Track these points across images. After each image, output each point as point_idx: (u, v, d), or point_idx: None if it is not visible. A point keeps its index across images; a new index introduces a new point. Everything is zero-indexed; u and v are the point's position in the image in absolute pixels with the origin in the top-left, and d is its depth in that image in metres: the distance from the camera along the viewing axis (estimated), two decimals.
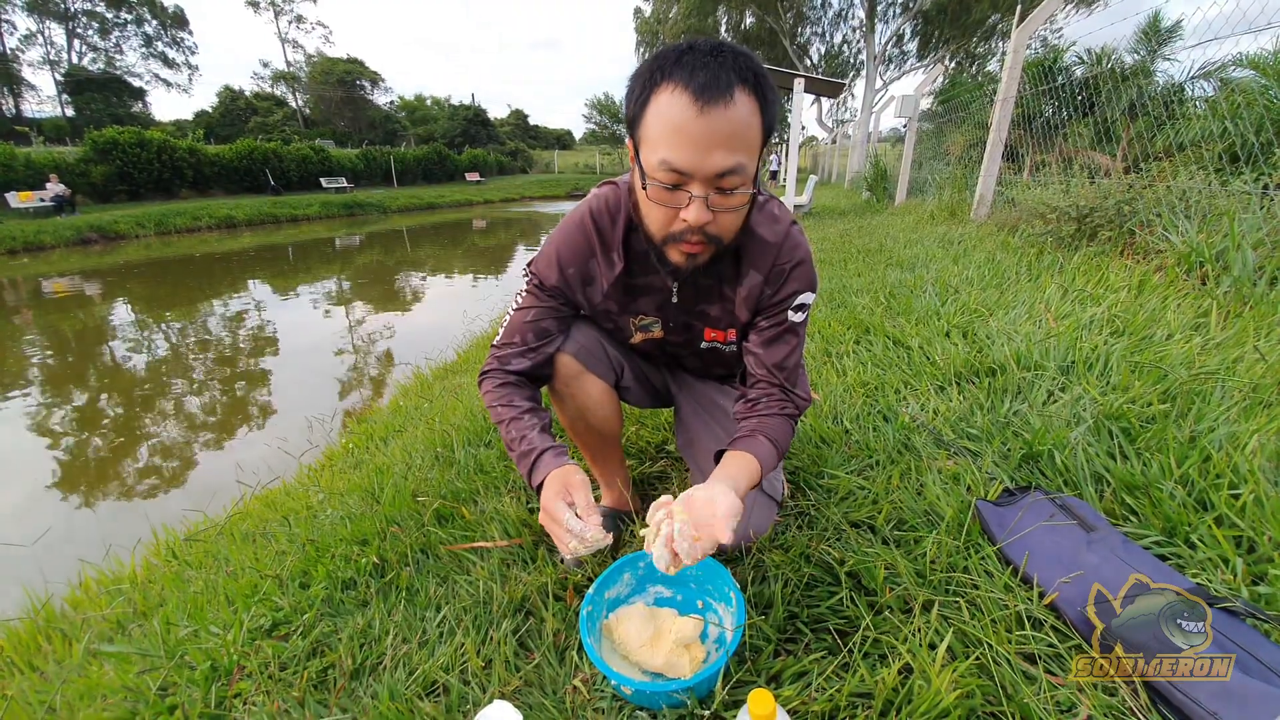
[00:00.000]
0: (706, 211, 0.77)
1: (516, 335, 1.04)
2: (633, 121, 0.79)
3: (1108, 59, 4.54)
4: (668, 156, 0.73)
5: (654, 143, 0.75)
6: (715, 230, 0.81)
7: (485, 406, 1.07)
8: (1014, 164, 5.28)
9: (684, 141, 0.72)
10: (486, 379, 1.05)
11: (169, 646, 1.10)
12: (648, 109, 0.75)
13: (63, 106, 33.65)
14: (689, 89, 0.71)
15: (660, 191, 0.77)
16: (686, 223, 0.78)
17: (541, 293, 1.04)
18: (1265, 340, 1.72)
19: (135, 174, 15.89)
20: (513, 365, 1.04)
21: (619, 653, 0.92)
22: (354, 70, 40.36)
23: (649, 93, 0.75)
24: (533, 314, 1.04)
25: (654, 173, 0.76)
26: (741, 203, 0.81)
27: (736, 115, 0.72)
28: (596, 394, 1.11)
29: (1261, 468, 1.11)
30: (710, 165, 0.73)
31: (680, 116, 0.72)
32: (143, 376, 4.81)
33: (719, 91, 0.70)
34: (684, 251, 0.83)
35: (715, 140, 0.72)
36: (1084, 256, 2.97)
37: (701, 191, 0.75)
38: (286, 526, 1.55)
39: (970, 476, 1.27)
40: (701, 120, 0.71)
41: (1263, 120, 2.87)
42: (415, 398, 2.95)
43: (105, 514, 2.84)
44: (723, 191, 0.77)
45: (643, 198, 0.82)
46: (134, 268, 10.14)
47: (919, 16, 20.72)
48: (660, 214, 0.81)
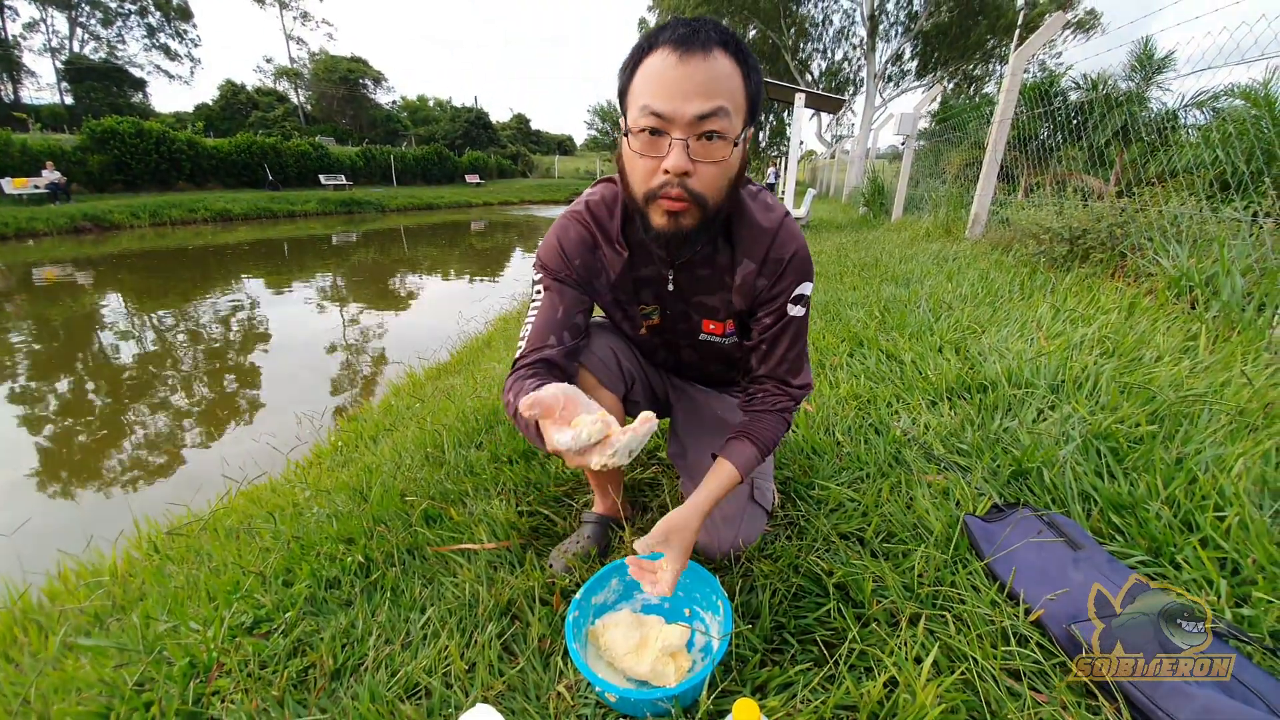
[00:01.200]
0: (686, 159, 0.76)
1: (550, 335, 0.95)
2: (622, 92, 0.81)
3: (1103, 85, 4.62)
4: (648, 101, 0.75)
5: (637, 95, 0.77)
6: (697, 186, 0.79)
7: (510, 418, 0.91)
8: (1009, 184, 5.35)
9: (664, 86, 0.74)
10: (507, 388, 0.92)
11: (147, 641, 1.08)
12: (635, 75, 0.78)
13: (62, 94, 33.42)
14: (671, 43, 0.74)
15: (642, 140, 0.78)
16: (667, 173, 0.77)
17: (560, 285, 0.98)
18: (1252, 365, 1.74)
19: (132, 164, 15.82)
20: (544, 356, 0.94)
21: (604, 659, 0.91)
22: (357, 69, 40.35)
23: (637, 61, 0.78)
24: (562, 310, 0.97)
25: (636, 121, 0.77)
26: (723, 154, 0.78)
27: (716, 66, 0.74)
28: (607, 408, 1.10)
29: (1247, 491, 1.12)
30: (690, 109, 0.74)
31: (661, 65, 0.74)
32: (131, 367, 4.76)
33: (699, 44, 0.73)
34: (665, 210, 0.81)
35: (694, 85, 0.73)
36: (1076, 277, 3.01)
37: (682, 136, 0.75)
38: (271, 523, 1.53)
39: (960, 491, 1.28)
40: (681, 67, 0.73)
41: (1253, 149, 2.92)
42: (407, 397, 2.93)
43: (87, 505, 2.79)
44: (704, 138, 0.76)
45: (627, 154, 0.82)
46: (127, 258, 10.07)
47: (919, 37, 21.02)
48: (642, 166, 0.80)
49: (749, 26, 21.81)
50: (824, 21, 22.99)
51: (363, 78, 40.90)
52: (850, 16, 22.62)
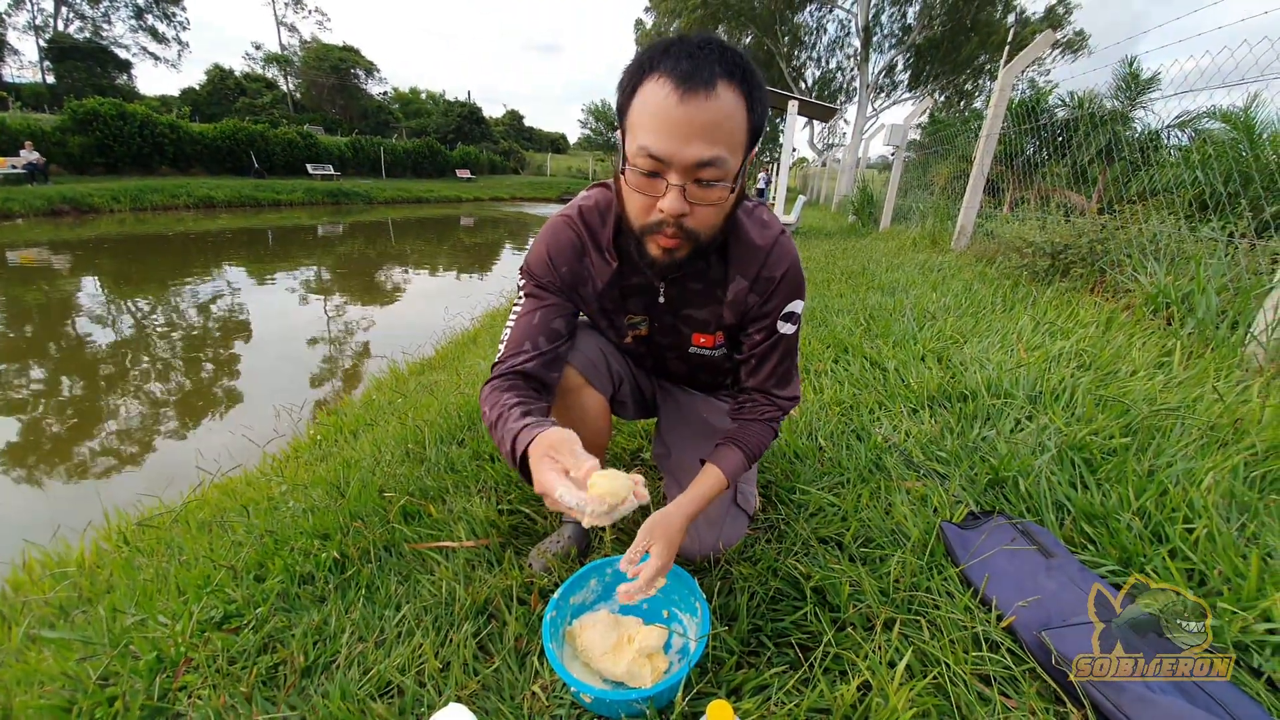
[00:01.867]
0: (683, 202, 0.76)
1: (526, 342, 0.95)
2: (621, 111, 0.79)
3: (1089, 103, 4.71)
4: (646, 143, 0.73)
5: (636, 129, 0.75)
6: (692, 225, 0.79)
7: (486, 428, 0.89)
8: (994, 198, 5.44)
9: (662, 129, 0.72)
10: (483, 394, 0.92)
11: (113, 635, 1.06)
12: (634, 98, 0.75)
13: (44, 73, 32.61)
14: (672, 77, 0.71)
15: (638, 178, 0.77)
16: (663, 213, 0.77)
17: (543, 292, 0.98)
18: (1224, 381, 1.79)
19: (114, 147, 15.45)
20: (519, 366, 0.93)
21: (581, 660, 0.91)
22: (349, 58, 39.87)
23: (636, 82, 0.75)
24: (540, 316, 0.97)
25: (634, 159, 0.76)
26: (720, 198, 0.79)
27: (718, 107, 0.72)
28: (594, 408, 1.09)
29: (1215, 504, 1.14)
30: (688, 155, 0.72)
31: (661, 104, 0.71)
32: (106, 355, 4.65)
33: (701, 82, 0.70)
34: (661, 245, 0.82)
35: (694, 130, 0.71)
36: (1056, 291, 3.06)
37: (679, 181, 0.75)
38: (245, 517, 1.50)
39: (937, 498, 1.29)
40: (681, 109, 0.71)
41: (1231, 171, 3.00)
42: (389, 392, 2.90)
43: (55, 495, 2.72)
44: (701, 184, 0.76)
45: (623, 184, 0.81)
46: (105, 243, 9.84)
47: (912, 50, 21.29)
48: (638, 202, 0.80)
49: (745, 33, 21.95)
50: (818, 30, 23.22)
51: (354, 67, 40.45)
52: (845, 27, 22.86)
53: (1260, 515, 1.13)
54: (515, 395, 0.88)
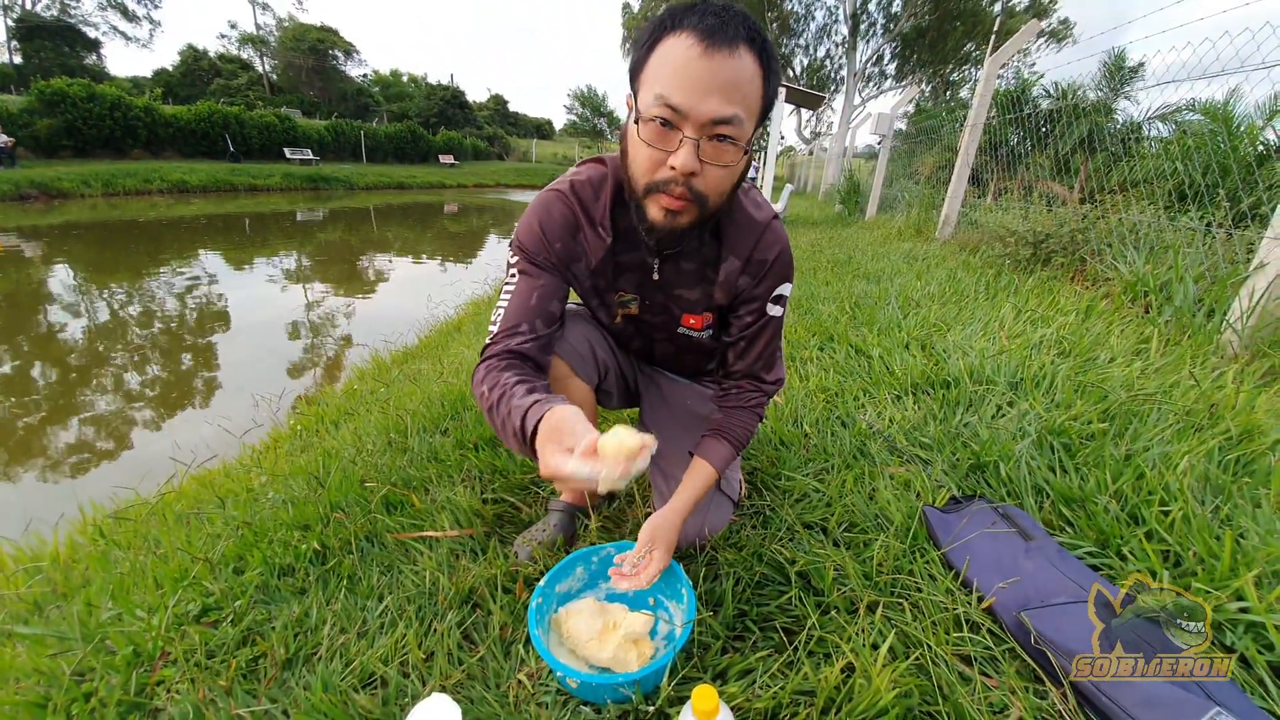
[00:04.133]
0: (695, 159, 0.74)
1: (524, 324, 0.91)
2: (635, 68, 0.77)
3: (1071, 94, 4.75)
4: (664, 91, 0.71)
5: (653, 80, 0.73)
6: (701, 186, 0.77)
7: (482, 410, 0.87)
8: (979, 188, 5.47)
9: (684, 79, 0.70)
10: (478, 374, 0.89)
11: (89, 630, 1.03)
12: (653, 53, 0.74)
13: (11, 54, 31.39)
14: (697, 32, 0.70)
15: (652, 130, 0.74)
16: (674, 169, 0.75)
17: (537, 269, 0.94)
18: (1200, 368, 1.82)
19: (84, 129, 15.00)
20: (515, 346, 0.90)
21: (567, 646, 0.90)
22: (326, 39, 38.88)
23: (656, 38, 0.73)
24: (536, 296, 0.93)
25: (649, 109, 0.73)
26: (733, 159, 0.77)
27: (740, 66, 0.71)
28: (579, 398, 1.08)
29: (1191, 487, 1.17)
30: (706, 109, 0.71)
31: (684, 56, 0.70)
32: (78, 345, 4.53)
33: (726, 39, 0.69)
34: (664, 206, 0.79)
35: (715, 84, 0.70)
36: (1038, 280, 3.10)
37: (694, 135, 0.73)
38: (222, 509, 1.47)
39: (920, 483, 1.30)
40: (704, 61, 0.69)
41: (1210, 162, 3.05)
42: (371, 381, 2.86)
43: (27, 488, 2.66)
44: (716, 141, 0.74)
45: (634, 138, 0.78)
46: (76, 228, 9.55)
47: (899, 39, 21.27)
48: (648, 157, 0.77)
49: None
50: (807, 17, 23.08)
51: (332, 48, 39.47)
52: (833, 14, 22.76)
53: (1233, 498, 1.15)
54: (515, 374, 0.85)
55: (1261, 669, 0.82)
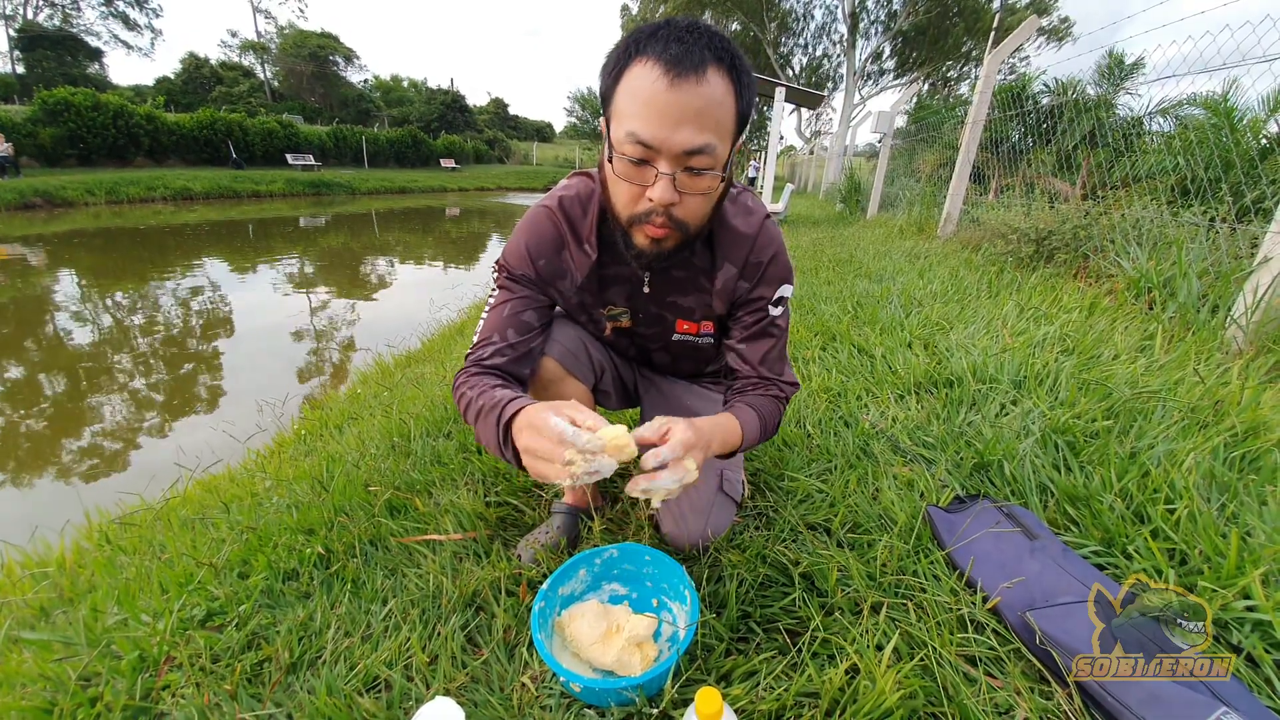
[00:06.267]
0: (673, 191, 0.74)
1: (495, 334, 0.95)
2: (605, 97, 0.77)
3: (1072, 89, 4.73)
4: (635, 128, 0.71)
5: (622, 115, 0.72)
6: (681, 214, 0.78)
7: (460, 413, 0.90)
8: (980, 185, 5.46)
9: (652, 114, 0.69)
10: (457, 380, 0.93)
11: (94, 635, 1.04)
12: (620, 83, 0.73)
13: (13, 63, 31.61)
14: (660, 61, 0.68)
15: (627, 167, 0.74)
16: (652, 202, 0.75)
17: (516, 285, 0.97)
18: (1205, 364, 1.81)
19: (87, 138, 15.08)
20: (488, 360, 0.94)
21: (570, 650, 0.90)
22: (327, 45, 39.04)
23: (622, 67, 0.73)
24: (510, 308, 0.96)
25: (621, 145, 0.73)
26: (710, 186, 0.77)
27: (708, 92, 0.70)
28: (575, 399, 1.08)
29: (1196, 485, 1.16)
30: (678, 141, 0.70)
31: (650, 89, 0.69)
32: (83, 352, 4.55)
33: (691, 66, 0.68)
34: (649, 235, 0.80)
35: (685, 115, 0.69)
36: (1041, 277, 3.09)
37: (669, 169, 0.73)
38: (227, 513, 1.48)
39: (924, 483, 1.30)
40: (671, 93, 0.68)
41: (1212, 157, 3.03)
42: (375, 385, 2.86)
43: (34, 494, 2.67)
44: (691, 172, 0.74)
45: (610, 174, 0.79)
46: (80, 236, 9.61)
47: (898, 36, 21.26)
48: (626, 191, 0.78)
49: (731, 19, 21.79)
50: (805, 16, 23.11)
51: (333, 54, 39.63)
52: (832, 13, 22.80)
53: (1239, 495, 1.14)
54: (494, 379, 0.89)
55: (1269, 668, 0.81)
